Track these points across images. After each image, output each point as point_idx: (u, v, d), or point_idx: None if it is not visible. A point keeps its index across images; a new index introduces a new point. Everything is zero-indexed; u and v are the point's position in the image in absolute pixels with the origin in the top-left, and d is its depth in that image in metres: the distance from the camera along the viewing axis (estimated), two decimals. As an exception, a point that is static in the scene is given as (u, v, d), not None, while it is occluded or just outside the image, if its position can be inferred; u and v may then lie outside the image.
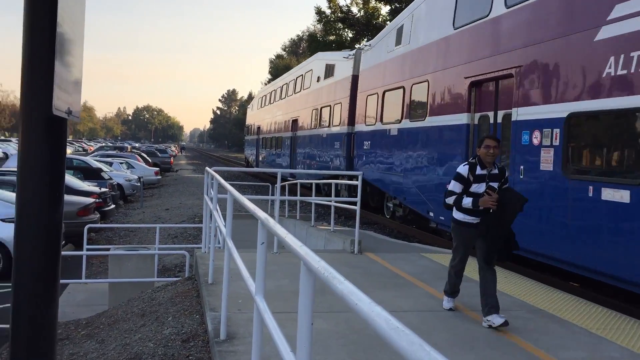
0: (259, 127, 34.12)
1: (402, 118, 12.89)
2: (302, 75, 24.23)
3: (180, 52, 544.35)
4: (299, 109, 23.97)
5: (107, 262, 9.98)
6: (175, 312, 5.93)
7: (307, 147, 22.18)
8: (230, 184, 5.54)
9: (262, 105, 34.36)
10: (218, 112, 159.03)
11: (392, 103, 13.66)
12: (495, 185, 5.37)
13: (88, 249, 10.89)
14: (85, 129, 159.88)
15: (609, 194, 6.61)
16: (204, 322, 5.33)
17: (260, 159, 32.80)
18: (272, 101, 31.02)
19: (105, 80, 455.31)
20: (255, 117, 36.57)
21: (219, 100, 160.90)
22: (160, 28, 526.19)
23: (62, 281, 9.04)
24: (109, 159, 27.81)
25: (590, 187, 6.90)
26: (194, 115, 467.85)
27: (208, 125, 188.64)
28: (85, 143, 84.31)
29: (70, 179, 16.72)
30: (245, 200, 3.64)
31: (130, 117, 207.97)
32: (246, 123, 42.65)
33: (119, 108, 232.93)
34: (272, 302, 5.27)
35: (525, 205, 5.27)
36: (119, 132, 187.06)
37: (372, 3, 40.30)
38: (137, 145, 79.79)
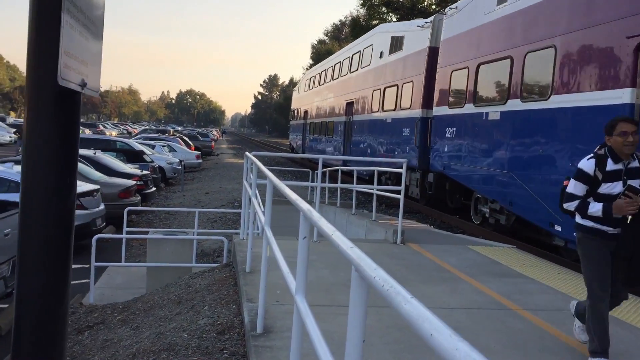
0: (305, 112, 31.48)
1: (507, 98, 10.22)
2: (359, 51, 21.07)
3: (223, 37, 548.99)
4: (355, 91, 21.08)
5: (147, 245, 9.95)
6: (211, 301, 5.73)
7: (366, 133, 19.42)
8: (270, 169, 5.29)
9: (310, 88, 31.11)
10: (259, 97, 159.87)
11: (491, 79, 11.03)
12: (636, 183, 4.09)
13: (127, 232, 10.91)
14: (130, 112, 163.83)
15: None
16: (241, 313, 5.11)
17: (307, 145, 30.28)
18: (322, 82, 28.02)
19: (150, 64, 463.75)
20: (302, 100, 33.74)
21: (260, 85, 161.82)
22: (204, 13, 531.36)
23: (100, 264, 9.01)
24: (152, 142, 28.13)
25: None
26: (236, 99, 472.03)
27: (249, 110, 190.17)
28: (129, 126, 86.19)
29: (112, 161, 16.91)
30: (285, 188, 3.35)
31: (173, 101, 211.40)
32: (291, 107, 39.61)
33: (163, 92, 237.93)
34: (312, 294, 5.02)
35: None
36: (162, 116, 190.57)
37: (417, -14, 39.41)
38: (179, 128, 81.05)
